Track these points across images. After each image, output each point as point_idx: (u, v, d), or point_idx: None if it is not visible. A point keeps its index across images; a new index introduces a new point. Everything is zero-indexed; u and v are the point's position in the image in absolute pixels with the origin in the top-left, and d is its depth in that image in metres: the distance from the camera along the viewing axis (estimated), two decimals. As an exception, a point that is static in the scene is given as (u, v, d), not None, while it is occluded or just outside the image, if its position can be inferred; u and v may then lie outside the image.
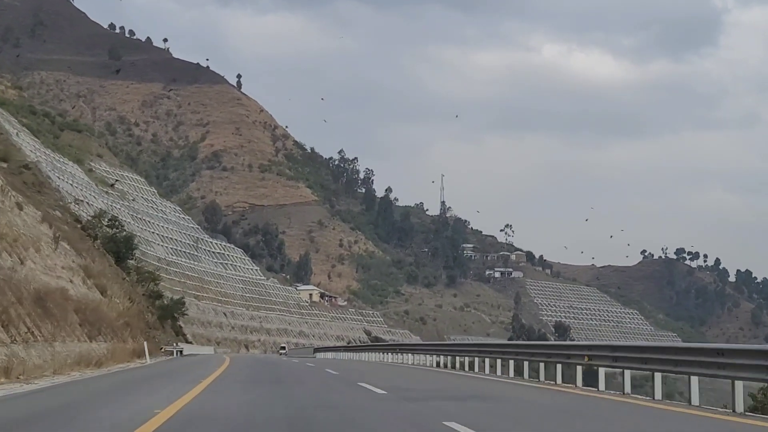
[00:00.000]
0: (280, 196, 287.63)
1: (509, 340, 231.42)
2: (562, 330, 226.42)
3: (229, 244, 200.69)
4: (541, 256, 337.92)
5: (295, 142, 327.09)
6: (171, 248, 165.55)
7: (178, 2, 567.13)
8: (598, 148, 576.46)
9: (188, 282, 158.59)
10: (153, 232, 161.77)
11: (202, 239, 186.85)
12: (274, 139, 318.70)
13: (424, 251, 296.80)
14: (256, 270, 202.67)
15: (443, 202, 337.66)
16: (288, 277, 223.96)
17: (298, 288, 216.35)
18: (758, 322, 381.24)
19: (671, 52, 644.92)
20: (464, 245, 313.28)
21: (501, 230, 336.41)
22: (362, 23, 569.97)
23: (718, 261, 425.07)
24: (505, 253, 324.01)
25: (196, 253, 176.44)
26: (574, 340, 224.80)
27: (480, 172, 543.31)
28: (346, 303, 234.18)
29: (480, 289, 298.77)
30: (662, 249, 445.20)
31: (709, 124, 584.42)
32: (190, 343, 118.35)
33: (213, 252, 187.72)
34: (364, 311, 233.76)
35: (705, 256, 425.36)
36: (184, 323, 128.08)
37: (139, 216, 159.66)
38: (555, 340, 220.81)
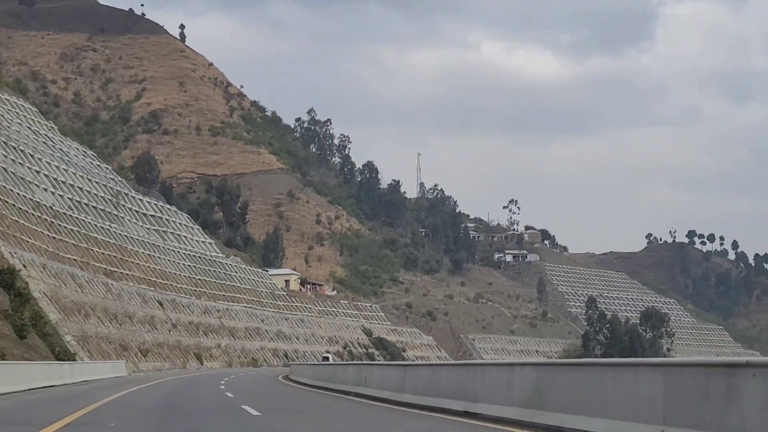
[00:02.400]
0: (238, 164, 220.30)
1: (584, 337, 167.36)
2: (654, 320, 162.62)
3: (170, 206, 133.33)
4: (553, 237, 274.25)
5: (254, 103, 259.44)
6: (72, 200, 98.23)
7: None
8: (543, 147, 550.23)
9: (97, 250, 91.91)
10: (39, 172, 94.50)
11: (126, 194, 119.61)
12: (228, 97, 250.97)
13: (421, 231, 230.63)
14: (211, 244, 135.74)
15: (422, 183, 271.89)
16: (254, 258, 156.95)
17: (269, 272, 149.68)
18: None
19: (610, 47, 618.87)
20: (467, 224, 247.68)
21: (504, 207, 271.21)
22: (298, 25, 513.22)
23: (735, 244, 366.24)
24: (516, 231, 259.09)
25: (115, 212, 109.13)
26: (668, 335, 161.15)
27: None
28: (335, 293, 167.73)
29: (491, 276, 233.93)
30: (670, 232, 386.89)
31: (652, 120, 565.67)
32: (74, 359, 54.13)
33: (144, 214, 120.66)
34: (359, 304, 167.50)
35: (722, 238, 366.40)
36: (68, 319, 62.32)
37: (12, 145, 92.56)
38: (648, 334, 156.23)
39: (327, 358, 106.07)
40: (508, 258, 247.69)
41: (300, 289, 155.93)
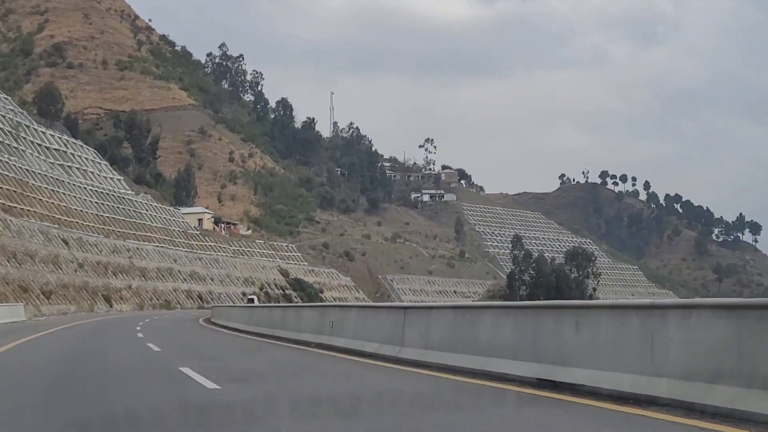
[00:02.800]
0: (147, 100, 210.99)
1: (510, 277, 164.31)
2: (580, 259, 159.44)
3: (75, 141, 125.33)
4: (469, 177, 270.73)
5: (163, 37, 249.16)
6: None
7: None
8: (453, 88, 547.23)
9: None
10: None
11: (27, 126, 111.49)
12: (135, 31, 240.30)
13: (337, 170, 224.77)
14: (120, 181, 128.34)
15: (335, 123, 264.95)
16: (165, 196, 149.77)
17: (182, 211, 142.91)
18: (704, 252, 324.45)
19: None
20: (383, 163, 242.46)
21: (420, 146, 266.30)
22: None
23: (647, 184, 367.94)
24: (432, 171, 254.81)
25: (15, 145, 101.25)
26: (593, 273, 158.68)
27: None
28: (250, 232, 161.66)
29: (408, 216, 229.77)
30: (583, 173, 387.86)
31: (560, 63, 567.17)
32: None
33: (47, 147, 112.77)
34: (275, 243, 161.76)
35: (634, 179, 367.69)
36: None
37: None
38: (574, 272, 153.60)
39: (252, 300, 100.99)
40: (425, 198, 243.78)
41: (214, 228, 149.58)
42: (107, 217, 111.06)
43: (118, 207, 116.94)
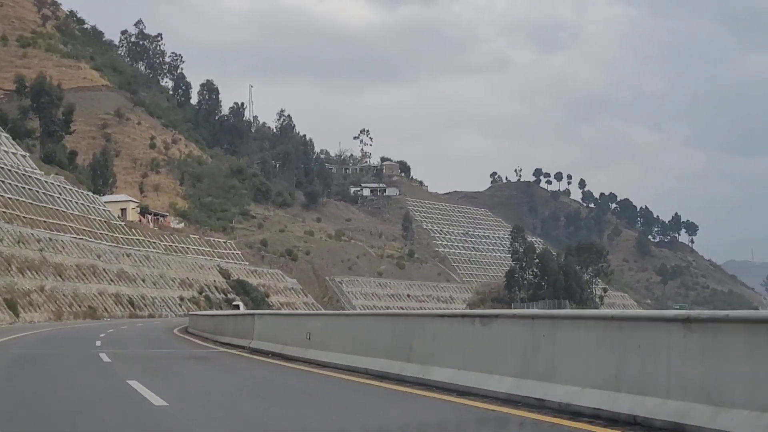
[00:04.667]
0: (54, 79, 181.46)
1: (509, 276, 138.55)
2: (590, 254, 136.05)
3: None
4: (409, 169, 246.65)
5: (71, 13, 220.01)
6: None
7: None
8: (356, 93, 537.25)
9: None
10: None
11: None
12: (39, 5, 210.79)
13: (271, 162, 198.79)
14: (24, 157, 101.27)
15: (255, 117, 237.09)
16: (81, 179, 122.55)
17: (102, 199, 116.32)
18: (645, 253, 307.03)
19: None
20: (320, 154, 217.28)
21: (355, 137, 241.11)
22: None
23: (582, 182, 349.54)
24: (368, 163, 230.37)
25: None
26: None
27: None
28: (183, 225, 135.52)
29: (348, 212, 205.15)
30: (516, 171, 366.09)
31: (463, 69, 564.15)
32: None
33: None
34: (213, 240, 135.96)
35: (569, 176, 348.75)
36: None
37: None
38: (584, 271, 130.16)
39: (238, 307, 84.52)
40: (366, 192, 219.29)
41: (140, 220, 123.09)
42: (10, 198, 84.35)
43: (23, 187, 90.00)
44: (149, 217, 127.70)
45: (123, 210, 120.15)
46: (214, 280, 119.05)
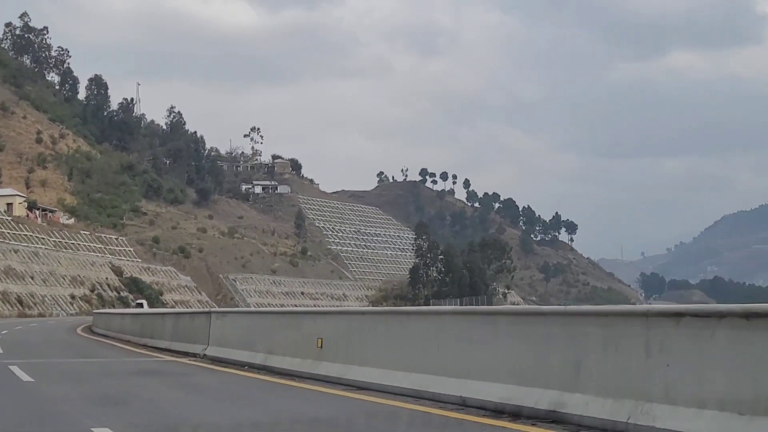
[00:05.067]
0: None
1: (413, 272, 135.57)
2: (493, 250, 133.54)
3: None
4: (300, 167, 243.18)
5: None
6: None
7: None
8: (244, 93, 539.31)
9: None
10: None
11: None
12: None
13: (162, 158, 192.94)
14: None
15: (143, 114, 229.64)
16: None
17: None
18: (529, 251, 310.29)
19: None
20: (210, 151, 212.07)
21: (246, 135, 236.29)
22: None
23: (467, 182, 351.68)
24: (259, 160, 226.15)
25: None
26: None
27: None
28: (73, 221, 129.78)
29: (240, 209, 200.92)
30: (402, 171, 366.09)
31: (346, 72, 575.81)
32: None
33: None
34: (104, 236, 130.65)
35: (454, 177, 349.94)
36: None
37: None
38: (487, 268, 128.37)
39: (142, 305, 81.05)
40: (258, 189, 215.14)
41: (28, 215, 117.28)
42: None
43: None
44: (37, 212, 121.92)
45: (9, 205, 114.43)
46: (107, 278, 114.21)
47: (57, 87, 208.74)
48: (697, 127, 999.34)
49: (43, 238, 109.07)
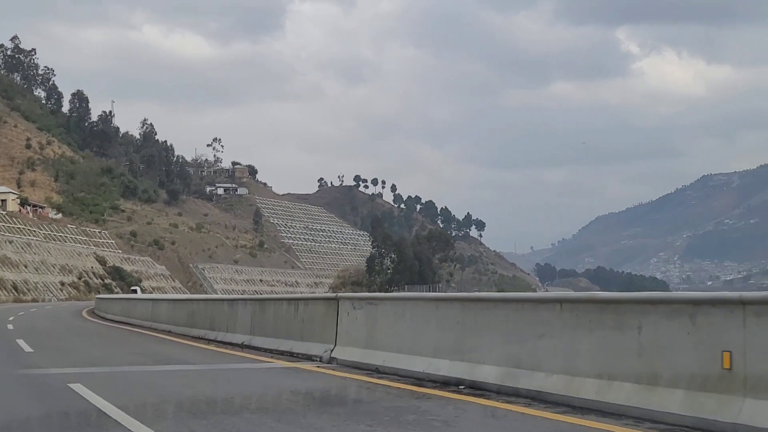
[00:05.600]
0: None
1: (370, 261, 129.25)
2: (435, 243, 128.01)
3: None
4: (256, 172, 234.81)
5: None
6: None
7: None
8: (197, 114, 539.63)
9: None
10: None
11: None
12: None
13: (137, 163, 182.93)
14: None
15: (118, 128, 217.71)
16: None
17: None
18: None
19: (250, 34, 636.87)
20: (180, 156, 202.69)
21: (208, 145, 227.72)
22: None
23: (394, 187, 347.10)
24: (220, 166, 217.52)
25: None
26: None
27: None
28: (60, 216, 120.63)
29: (205, 208, 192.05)
30: (339, 177, 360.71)
31: (285, 96, 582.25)
32: None
33: None
34: (89, 230, 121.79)
35: (383, 182, 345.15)
36: None
37: None
38: (434, 257, 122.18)
39: (136, 291, 76.50)
40: (220, 191, 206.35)
41: (20, 210, 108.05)
42: None
43: None
44: (29, 208, 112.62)
45: (3, 201, 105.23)
46: (92, 267, 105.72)
47: (44, 101, 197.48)
48: (574, 144, 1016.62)
49: (34, 231, 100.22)
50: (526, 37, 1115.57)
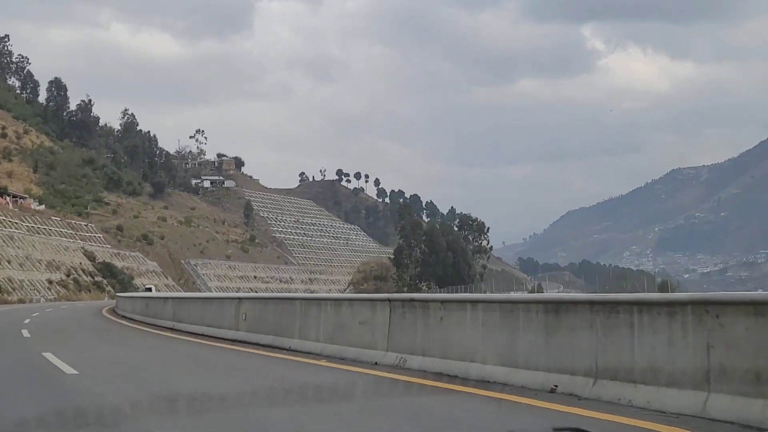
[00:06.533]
0: None
1: (397, 253, 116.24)
2: (467, 230, 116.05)
3: None
4: (242, 164, 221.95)
5: None
6: None
7: None
8: (166, 114, 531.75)
9: None
10: None
11: None
12: None
13: (120, 154, 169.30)
14: None
15: (98, 117, 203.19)
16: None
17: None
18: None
19: (218, 32, 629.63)
20: (163, 147, 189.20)
21: (191, 137, 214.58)
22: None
23: (377, 181, 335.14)
24: (206, 158, 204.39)
25: None
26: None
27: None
28: (44, 207, 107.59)
29: (192, 201, 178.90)
30: (321, 171, 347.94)
31: (254, 95, 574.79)
32: None
33: None
34: (75, 222, 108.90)
35: (366, 176, 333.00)
36: None
37: None
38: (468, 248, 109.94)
39: (150, 289, 69.32)
40: (206, 184, 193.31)
41: (0, 202, 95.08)
42: None
43: None
44: (8, 198, 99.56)
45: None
46: (80, 263, 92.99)
47: (18, 91, 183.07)
48: (540, 140, 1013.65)
49: (16, 223, 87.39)
50: (492, 35, 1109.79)
